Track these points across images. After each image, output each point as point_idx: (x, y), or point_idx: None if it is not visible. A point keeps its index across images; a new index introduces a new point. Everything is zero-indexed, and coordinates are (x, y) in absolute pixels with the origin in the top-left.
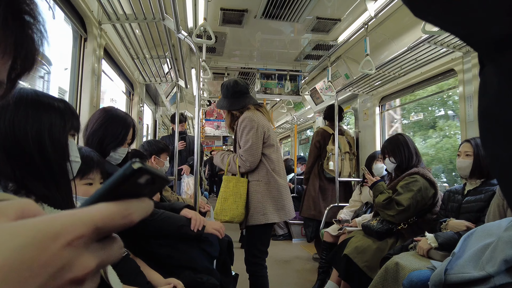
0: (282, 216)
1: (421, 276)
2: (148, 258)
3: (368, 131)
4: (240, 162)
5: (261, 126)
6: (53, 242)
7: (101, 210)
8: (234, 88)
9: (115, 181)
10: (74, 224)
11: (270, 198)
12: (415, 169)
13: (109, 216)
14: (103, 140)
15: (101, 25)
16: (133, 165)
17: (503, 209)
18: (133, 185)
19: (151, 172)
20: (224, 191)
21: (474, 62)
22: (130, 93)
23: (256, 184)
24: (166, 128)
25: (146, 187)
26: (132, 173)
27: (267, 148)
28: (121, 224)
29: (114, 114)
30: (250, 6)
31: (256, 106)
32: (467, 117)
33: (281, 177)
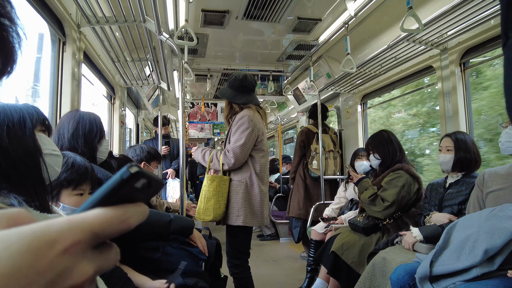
0: (256, 222)
1: (407, 269)
2: (134, 264)
3: (351, 129)
4: (225, 159)
5: (257, 129)
6: (50, 249)
7: (99, 216)
8: (242, 81)
9: (112, 186)
10: (71, 230)
11: (249, 201)
12: (399, 165)
13: (107, 221)
14: (87, 136)
15: (80, 28)
16: (130, 169)
17: (482, 200)
18: (130, 189)
19: (148, 176)
20: (207, 191)
21: (451, 59)
22: (111, 97)
23: (238, 184)
24: (149, 131)
25: (142, 192)
26: (129, 178)
27: (257, 152)
28: (118, 229)
29: (80, 112)
30: (231, 7)
31: (257, 107)
32: (447, 113)
33: (264, 184)
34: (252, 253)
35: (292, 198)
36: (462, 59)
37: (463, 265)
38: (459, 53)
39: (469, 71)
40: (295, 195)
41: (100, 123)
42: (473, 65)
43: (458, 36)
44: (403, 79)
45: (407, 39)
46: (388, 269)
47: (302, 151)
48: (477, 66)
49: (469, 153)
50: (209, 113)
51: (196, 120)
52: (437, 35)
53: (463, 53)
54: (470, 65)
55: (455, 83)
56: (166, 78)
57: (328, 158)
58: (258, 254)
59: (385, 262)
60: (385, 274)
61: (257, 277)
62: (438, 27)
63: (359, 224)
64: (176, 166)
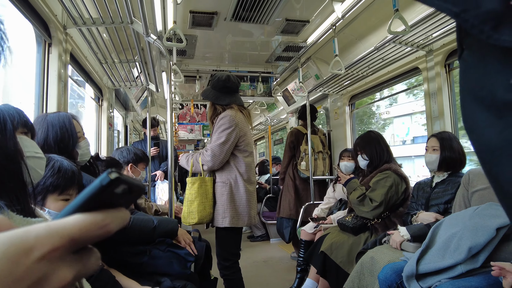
0: (243, 222)
1: (395, 268)
2: (122, 268)
3: (339, 130)
4: (203, 158)
5: (238, 128)
6: (27, 255)
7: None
8: (225, 82)
9: (92, 191)
10: (49, 236)
11: (234, 202)
12: (387, 165)
13: (86, 227)
14: (59, 145)
15: (66, 29)
16: (109, 175)
17: (468, 199)
18: (110, 195)
19: (128, 181)
20: (189, 193)
21: (437, 60)
22: (99, 99)
23: (222, 185)
24: (138, 133)
25: (122, 197)
26: (109, 184)
27: (241, 152)
28: (98, 234)
29: (48, 118)
30: (220, 9)
31: (240, 107)
32: (432, 113)
33: (250, 184)
34: (243, 254)
35: (283, 198)
36: (447, 61)
37: (448, 263)
38: (444, 54)
39: (454, 72)
40: (285, 196)
41: (70, 126)
42: (457, 67)
43: (442, 38)
44: (390, 80)
45: (393, 40)
46: (376, 268)
47: (292, 152)
48: None
49: (454, 152)
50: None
51: (185, 121)
52: (423, 37)
53: (447, 55)
54: (455, 66)
55: (440, 84)
56: (155, 79)
57: (317, 159)
58: (248, 255)
59: (373, 261)
60: (373, 273)
61: (248, 278)
62: (423, 29)
63: (348, 224)
64: (165, 168)
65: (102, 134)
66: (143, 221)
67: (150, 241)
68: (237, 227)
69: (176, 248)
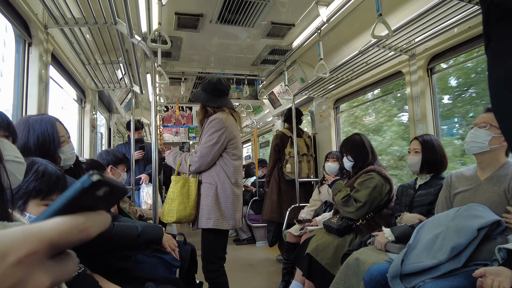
0: (228, 225)
1: (380, 269)
2: (107, 273)
3: (324, 133)
4: (191, 159)
5: (229, 131)
6: (2, 260)
7: (57, 225)
8: (216, 85)
9: (73, 194)
10: (26, 240)
11: (219, 204)
12: (371, 167)
13: (65, 230)
14: (40, 150)
15: (48, 29)
16: (91, 177)
17: (450, 200)
18: (91, 197)
19: (110, 184)
20: (172, 192)
21: (419, 64)
22: (81, 101)
23: (208, 187)
24: (122, 136)
25: (104, 199)
26: (90, 186)
27: (229, 155)
28: (78, 238)
29: (29, 122)
30: (205, 11)
31: (231, 111)
32: (415, 116)
33: (237, 187)
34: (228, 257)
35: (266, 201)
36: (429, 65)
37: (432, 263)
38: (426, 59)
39: (435, 76)
40: (268, 199)
41: (53, 130)
42: (439, 71)
43: (425, 43)
44: (374, 84)
45: (377, 45)
46: (361, 270)
47: (277, 154)
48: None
49: (435, 155)
50: (184, 116)
51: (170, 124)
52: (406, 42)
53: (430, 59)
54: (436, 70)
55: (423, 88)
56: (139, 81)
57: (302, 162)
58: (234, 258)
59: (358, 263)
60: (358, 275)
61: (233, 282)
62: (406, 33)
63: (333, 225)
64: (150, 171)
65: (84, 137)
66: (127, 228)
67: (134, 248)
68: (222, 230)
69: (161, 253)
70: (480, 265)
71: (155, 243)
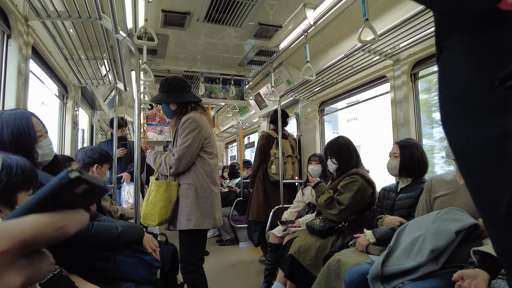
0: (209, 224)
1: (360, 271)
2: (85, 273)
3: (309, 135)
4: (172, 162)
5: (204, 130)
6: None
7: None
8: (180, 81)
9: (50, 190)
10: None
11: (200, 204)
12: (355, 170)
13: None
14: (16, 145)
15: (28, 21)
16: (70, 174)
17: (430, 204)
18: (69, 195)
19: (89, 181)
20: (154, 196)
21: (403, 69)
22: (63, 96)
23: (187, 188)
24: (104, 133)
25: (82, 197)
26: (68, 183)
27: (206, 154)
28: (53, 237)
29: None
30: (193, 9)
31: (202, 111)
32: (398, 120)
33: (215, 185)
34: (211, 258)
35: (252, 202)
36: (412, 70)
37: (411, 265)
38: (410, 64)
39: (418, 81)
40: (254, 199)
41: (28, 124)
42: (422, 76)
43: (409, 49)
44: (358, 88)
45: (362, 49)
46: (343, 271)
47: (262, 155)
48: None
49: (413, 160)
50: None
51: (155, 122)
52: (391, 47)
53: (413, 65)
54: (420, 76)
55: (406, 93)
56: (123, 78)
57: (287, 163)
58: (216, 259)
59: (340, 264)
60: (339, 276)
61: (215, 283)
62: (391, 39)
63: (315, 226)
64: (132, 170)
65: (66, 134)
66: (106, 228)
67: (114, 249)
68: (202, 230)
69: (141, 254)
70: (457, 267)
71: (136, 243)
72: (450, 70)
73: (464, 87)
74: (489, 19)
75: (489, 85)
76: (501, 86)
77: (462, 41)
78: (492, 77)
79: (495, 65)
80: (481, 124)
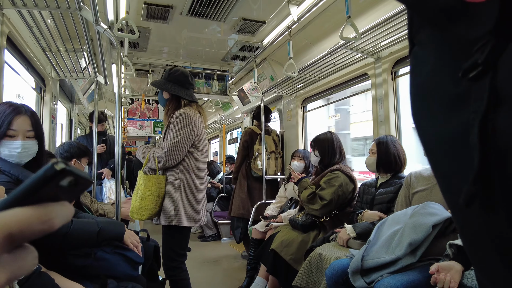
0: (193, 221)
1: (341, 265)
2: (64, 270)
3: (292, 131)
4: (161, 156)
5: (196, 127)
6: None
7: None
8: (190, 78)
9: (34, 183)
10: None
11: (185, 200)
12: (337, 166)
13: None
14: None
15: (3, 9)
16: (55, 166)
17: (409, 199)
18: (54, 187)
19: (75, 173)
20: (143, 190)
21: (384, 67)
22: (41, 89)
23: (174, 183)
24: (83, 128)
25: (67, 190)
26: (54, 175)
27: (196, 151)
28: (39, 230)
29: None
30: (176, 2)
31: (198, 107)
32: (379, 117)
33: (202, 183)
34: (193, 254)
35: (235, 198)
36: (393, 68)
37: (390, 258)
38: (390, 62)
39: (399, 79)
40: (237, 195)
41: (4, 118)
42: (403, 75)
43: (390, 47)
44: (340, 85)
45: (345, 46)
46: (324, 265)
47: (245, 151)
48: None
49: (389, 156)
50: (149, 110)
51: (135, 117)
52: (372, 45)
53: (394, 63)
54: (400, 74)
55: (387, 90)
56: (104, 71)
57: (270, 159)
58: (198, 255)
59: (321, 258)
60: (320, 270)
61: (197, 279)
62: (373, 37)
63: (298, 221)
64: (113, 166)
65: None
66: (86, 224)
67: (94, 246)
68: (185, 227)
69: (123, 250)
70: (433, 259)
71: (117, 240)
72: (419, 63)
73: (431, 80)
74: (454, 12)
75: (454, 78)
76: (464, 78)
77: (430, 35)
78: (456, 69)
79: (459, 57)
80: (446, 117)
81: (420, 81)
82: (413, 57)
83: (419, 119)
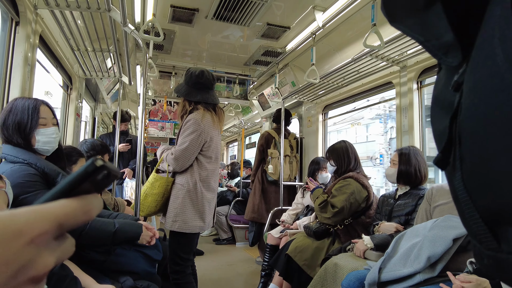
0: (197, 228)
1: (358, 276)
2: (82, 263)
3: (312, 137)
4: (170, 161)
5: (204, 133)
6: (17, 239)
7: (64, 206)
8: (198, 78)
9: (78, 177)
10: (37, 220)
11: (189, 207)
12: (350, 173)
13: (72, 212)
14: (17, 126)
15: (37, 9)
16: (95, 162)
17: (429, 213)
18: (91, 181)
19: (109, 168)
20: (149, 188)
21: (410, 76)
22: (68, 87)
23: (179, 188)
24: (106, 126)
25: (100, 183)
26: (94, 170)
27: (205, 158)
28: (82, 220)
29: (17, 101)
30: (202, 6)
31: (211, 108)
32: (403, 127)
33: (209, 190)
34: (207, 257)
35: (248, 201)
36: (419, 78)
37: (408, 271)
38: (417, 71)
39: (425, 89)
40: (251, 199)
41: (33, 109)
42: (429, 84)
43: (416, 56)
44: (363, 93)
45: (369, 54)
46: (339, 275)
47: (262, 155)
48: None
49: (410, 167)
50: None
51: (157, 118)
52: (398, 53)
53: (420, 72)
54: (426, 84)
55: (412, 100)
56: (128, 72)
57: (284, 163)
58: (213, 258)
59: (337, 268)
60: (335, 280)
61: (211, 282)
62: (398, 45)
63: (311, 228)
64: (134, 166)
65: (68, 125)
66: (103, 223)
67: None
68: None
69: (141, 247)
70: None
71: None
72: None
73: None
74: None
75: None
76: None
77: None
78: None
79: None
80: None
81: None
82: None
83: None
